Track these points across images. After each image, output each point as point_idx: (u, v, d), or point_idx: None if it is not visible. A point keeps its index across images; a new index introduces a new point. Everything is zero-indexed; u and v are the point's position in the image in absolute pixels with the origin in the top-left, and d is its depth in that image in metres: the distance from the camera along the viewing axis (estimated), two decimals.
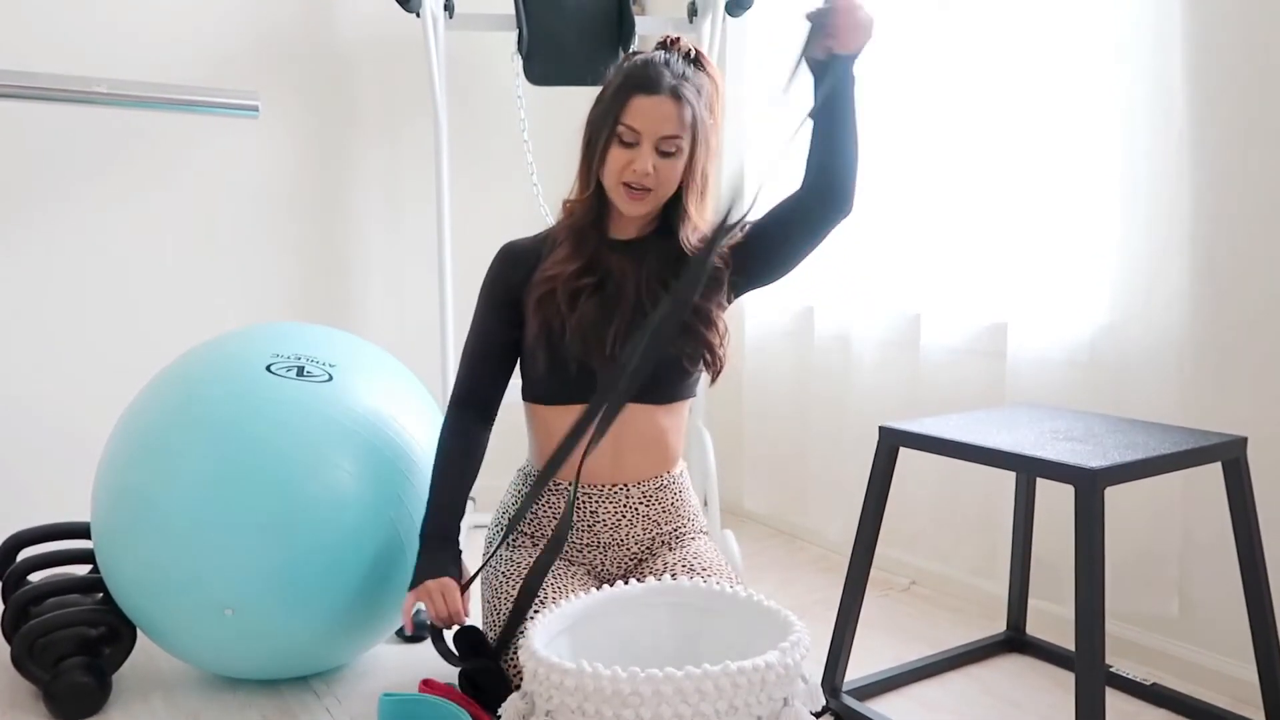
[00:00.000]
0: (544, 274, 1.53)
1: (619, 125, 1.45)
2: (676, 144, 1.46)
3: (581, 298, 1.51)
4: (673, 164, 1.47)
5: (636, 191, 1.47)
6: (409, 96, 2.73)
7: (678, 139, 1.46)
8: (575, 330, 1.49)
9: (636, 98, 1.45)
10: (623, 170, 1.46)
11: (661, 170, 1.46)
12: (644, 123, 1.45)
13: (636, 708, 1.07)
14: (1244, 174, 1.67)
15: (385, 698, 1.44)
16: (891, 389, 2.32)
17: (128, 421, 1.64)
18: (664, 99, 1.45)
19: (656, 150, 1.45)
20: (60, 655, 1.63)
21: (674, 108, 1.45)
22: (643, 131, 1.45)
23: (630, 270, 1.54)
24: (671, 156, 1.47)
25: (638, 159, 1.45)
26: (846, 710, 1.65)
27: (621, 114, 1.45)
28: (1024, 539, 1.89)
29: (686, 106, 1.46)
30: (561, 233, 1.57)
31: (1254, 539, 1.51)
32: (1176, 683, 1.76)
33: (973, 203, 2.11)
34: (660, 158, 1.46)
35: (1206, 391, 1.73)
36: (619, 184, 1.47)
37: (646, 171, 1.45)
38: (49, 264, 2.34)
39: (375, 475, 1.60)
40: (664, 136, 1.45)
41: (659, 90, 1.45)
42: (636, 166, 1.45)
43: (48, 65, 2.21)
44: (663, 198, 1.51)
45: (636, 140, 1.45)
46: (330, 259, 2.72)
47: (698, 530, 1.67)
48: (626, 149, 1.46)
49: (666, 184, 1.49)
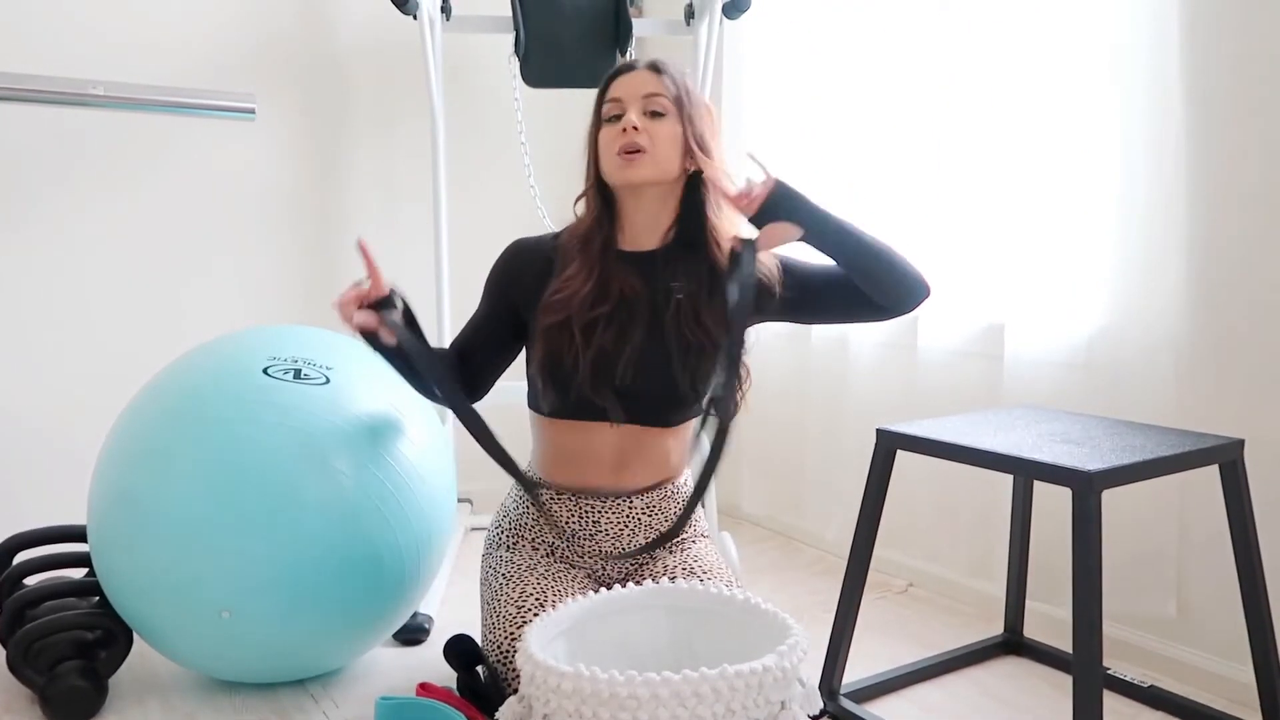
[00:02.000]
0: (555, 297, 1.49)
1: (604, 105, 1.50)
2: (661, 103, 1.47)
3: (596, 331, 1.48)
4: (662, 125, 1.47)
5: (631, 154, 1.45)
6: (406, 98, 2.73)
7: (660, 97, 1.47)
8: (589, 367, 1.47)
9: (616, 80, 1.51)
10: (614, 140, 1.47)
11: (651, 129, 1.46)
12: (624, 90, 1.48)
13: (634, 711, 1.07)
14: (1240, 177, 1.67)
15: (382, 701, 1.43)
16: (889, 391, 2.32)
17: (124, 425, 1.64)
18: (640, 71, 1.50)
19: (644, 112, 1.46)
20: (56, 659, 1.62)
21: (653, 76, 1.49)
22: (624, 97, 1.48)
23: (642, 290, 1.51)
24: (660, 117, 1.47)
25: (624, 121, 1.46)
26: (844, 713, 1.65)
27: (604, 95, 1.51)
28: (1021, 541, 1.89)
29: (666, 77, 1.49)
30: (571, 241, 1.54)
31: (1251, 541, 1.52)
32: (1174, 685, 1.76)
33: (970, 205, 2.12)
34: (649, 119, 1.46)
35: (1203, 394, 1.73)
36: (614, 156, 1.46)
37: (633, 124, 1.45)
38: (44, 267, 2.34)
39: (372, 478, 1.59)
40: (646, 95, 1.47)
41: (635, 67, 1.51)
42: (624, 124, 1.45)
43: (44, 67, 2.20)
44: (661, 162, 1.47)
45: (621, 110, 1.47)
46: (327, 261, 2.72)
47: (698, 534, 1.67)
48: (614, 122, 1.48)
49: (661, 144, 1.46)
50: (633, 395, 1.49)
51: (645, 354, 1.49)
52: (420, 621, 1.96)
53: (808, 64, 2.49)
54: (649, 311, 1.50)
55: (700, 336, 1.49)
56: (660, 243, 1.54)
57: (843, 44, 2.39)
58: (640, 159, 1.45)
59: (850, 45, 2.37)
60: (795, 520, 2.67)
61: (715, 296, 1.49)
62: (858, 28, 2.35)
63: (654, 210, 1.52)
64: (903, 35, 2.24)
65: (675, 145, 1.47)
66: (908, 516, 2.26)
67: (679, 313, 1.49)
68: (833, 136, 2.43)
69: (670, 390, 1.51)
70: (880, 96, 2.30)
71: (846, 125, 2.39)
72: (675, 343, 1.49)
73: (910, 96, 2.23)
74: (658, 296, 1.50)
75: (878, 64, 2.31)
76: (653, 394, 1.51)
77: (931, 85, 2.18)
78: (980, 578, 2.17)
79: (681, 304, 1.49)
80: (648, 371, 1.50)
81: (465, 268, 2.52)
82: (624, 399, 1.50)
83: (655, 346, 1.50)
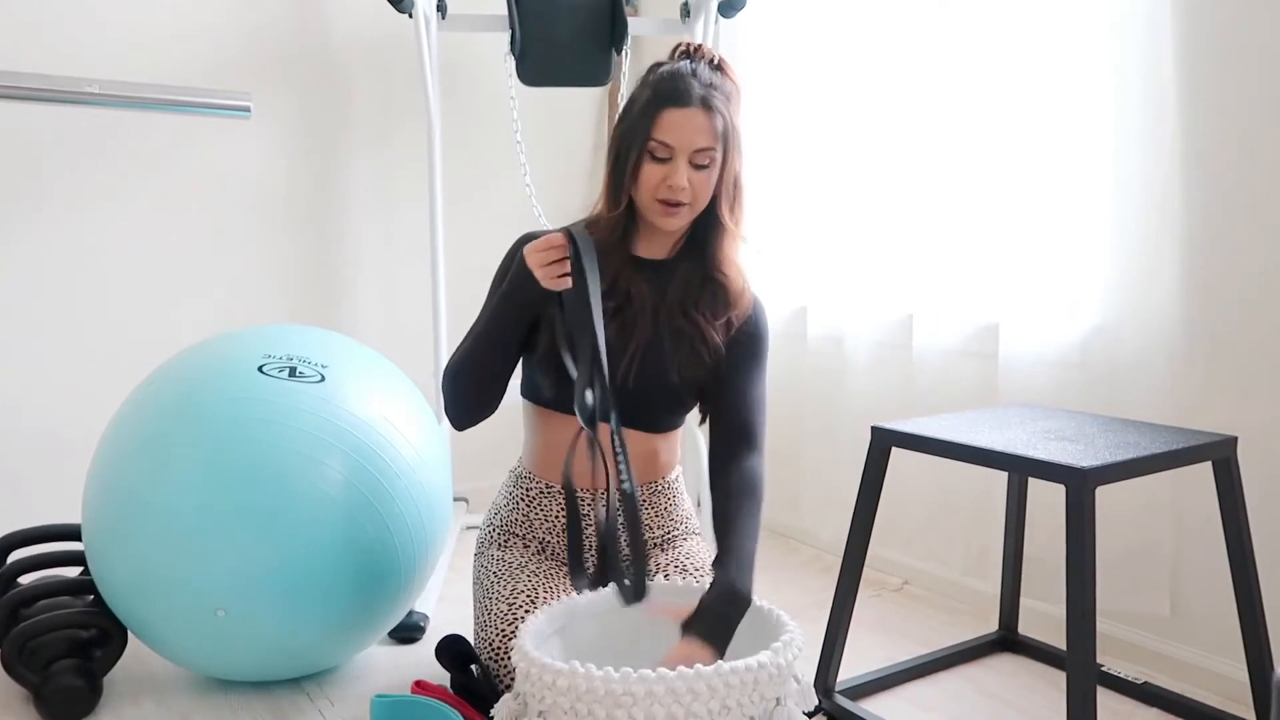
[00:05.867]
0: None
1: (650, 141, 1.41)
2: (710, 155, 1.42)
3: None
4: (707, 176, 1.43)
5: (673, 207, 1.43)
6: (401, 97, 2.73)
7: (711, 150, 1.42)
8: None
9: (667, 111, 1.41)
10: (657, 186, 1.42)
11: (696, 183, 1.42)
12: (676, 137, 1.40)
13: (629, 708, 1.07)
14: (1235, 176, 1.67)
15: (378, 699, 1.44)
16: (884, 389, 2.33)
17: (119, 423, 1.64)
18: (695, 111, 1.40)
19: (690, 164, 1.42)
20: (51, 658, 1.62)
21: (705, 119, 1.41)
22: (676, 146, 1.40)
23: (651, 295, 1.51)
24: (705, 169, 1.43)
25: (672, 174, 1.41)
26: (839, 710, 1.65)
27: (653, 129, 1.41)
28: (1016, 538, 1.90)
29: (718, 116, 1.42)
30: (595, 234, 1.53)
31: (1244, 538, 1.52)
32: (1168, 681, 1.76)
33: (965, 204, 2.12)
34: (694, 170, 1.42)
35: (1197, 391, 1.74)
36: (654, 200, 1.44)
37: (683, 186, 1.41)
38: (39, 264, 2.33)
39: (368, 476, 1.59)
40: (698, 149, 1.41)
41: (690, 102, 1.40)
42: (672, 182, 1.41)
43: (38, 65, 2.19)
44: (698, 210, 1.47)
45: (669, 155, 1.41)
46: (322, 260, 2.71)
47: (690, 531, 1.67)
48: (660, 164, 1.42)
49: (701, 197, 1.45)
50: (630, 396, 1.49)
51: (647, 355, 1.50)
52: (416, 620, 1.95)
53: (803, 62, 2.49)
54: (653, 315, 1.51)
55: (688, 328, 1.50)
56: (669, 253, 1.55)
57: (838, 44, 2.40)
58: (681, 212, 1.44)
59: (846, 46, 2.38)
60: (790, 518, 2.67)
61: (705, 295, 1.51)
62: (853, 28, 2.35)
63: (676, 232, 1.53)
64: (899, 34, 2.24)
65: (713, 186, 1.46)
66: (903, 514, 2.26)
67: (671, 308, 1.51)
68: (828, 135, 2.43)
69: (666, 392, 1.52)
70: (876, 95, 2.30)
71: (842, 124, 2.40)
72: (669, 337, 1.50)
73: (906, 95, 2.23)
74: (660, 301, 1.51)
75: (873, 63, 2.31)
76: (649, 396, 1.51)
77: (927, 84, 2.18)
78: (975, 575, 2.18)
79: (671, 298, 1.51)
80: (647, 371, 1.50)
81: (461, 265, 2.52)
82: (621, 398, 1.50)
83: (656, 349, 1.50)
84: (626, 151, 1.45)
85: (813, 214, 2.48)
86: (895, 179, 2.27)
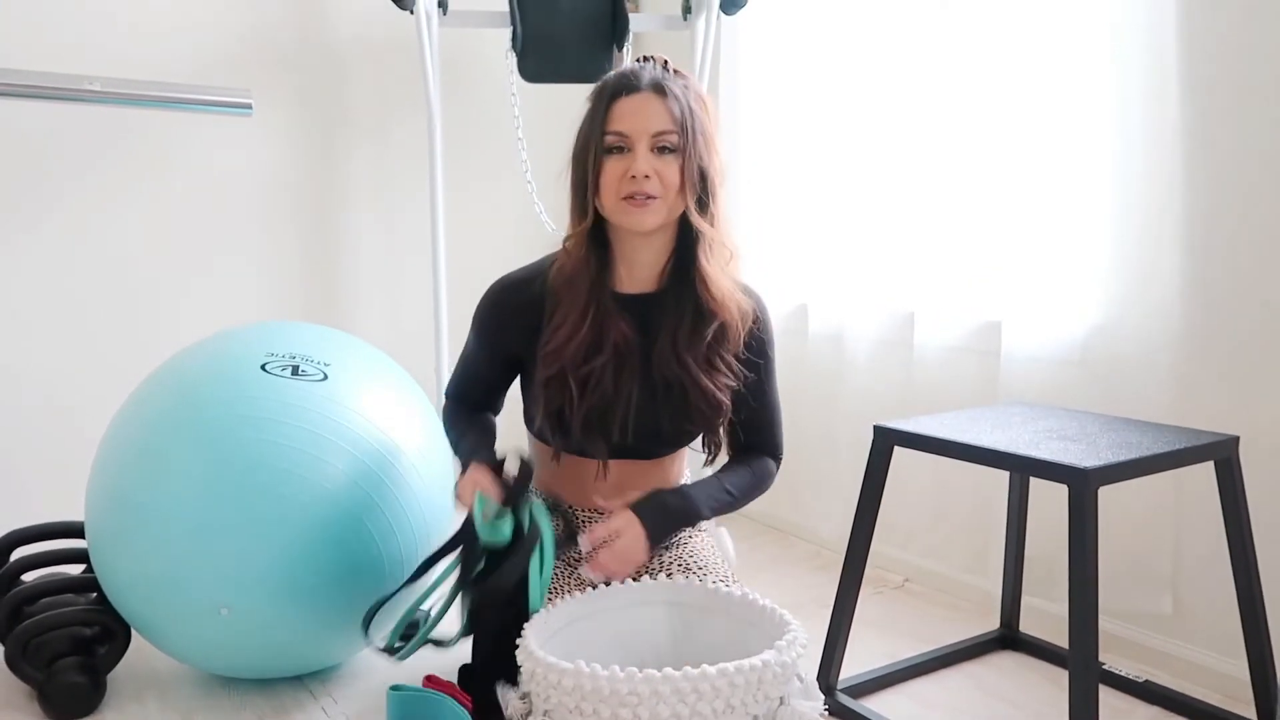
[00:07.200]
0: (549, 347, 1.42)
1: (606, 135, 1.35)
2: (670, 139, 1.34)
3: (590, 385, 1.41)
4: (673, 162, 1.35)
5: (640, 200, 1.34)
6: (403, 94, 2.73)
7: (671, 134, 1.34)
8: (581, 422, 1.43)
9: (618, 101, 1.35)
10: (620, 181, 1.34)
11: (661, 170, 1.34)
12: (630, 123, 1.34)
13: (634, 707, 1.07)
14: (1236, 175, 1.68)
15: (393, 691, 1.44)
16: (885, 387, 2.33)
17: (122, 421, 1.63)
18: (647, 94, 1.35)
19: (652, 150, 1.34)
20: (54, 655, 1.62)
21: (660, 103, 1.34)
22: (631, 133, 1.34)
23: (636, 342, 1.43)
24: (670, 153, 1.35)
25: (633, 163, 1.34)
26: (841, 708, 1.65)
27: (606, 121, 1.35)
28: (1017, 537, 1.90)
29: (673, 100, 1.35)
30: (558, 282, 1.43)
31: (1246, 537, 1.52)
32: (1169, 680, 1.77)
33: (966, 202, 2.12)
34: (657, 156, 1.34)
35: (1199, 390, 1.74)
36: (619, 200, 1.35)
37: (645, 173, 1.33)
38: (42, 263, 2.33)
39: (370, 474, 1.60)
40: (656, 133, 1.34)
41: (640, 87, 1.36)
42: (634, 170, 1.33)
43: (40, 63, 2.19)
44: (672, 203, 1.37)
45: (627, 144, 1.34)
46: (325, 257, 2.71)
47: (694, 529, 1.67)
48: (619, 157, 1.35)
49: (670, 185, 1.35)
50: (629, 449, 1.49)
51: (641, 406, 1.46)
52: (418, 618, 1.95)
53: (804, 59, 2.49)
54: (641, 365, 1.44)
55: (679, 372, 1.43)
56: (658, 285, 1.46)
57: (839, 41, 2.40)
58: (652, 205, 1.35)
59: (847, 43, 2.38)
60: (792, 516, 2.68)
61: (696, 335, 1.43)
62: (855, 25, 2.35)
63: (658, 247, 1.43)
64: (900, 32, 2.24)
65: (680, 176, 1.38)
66: (904, 512, 2.26)
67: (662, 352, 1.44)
68: (829, 132, 2.43)
69: (666, 442, 1.51)
70: (877, 92, 2.30)
71: (843, 121, 2.40)
72: (660, 385, 1.45)
73: (907, 93, 2.23)
74: (649, 344, 1.44)
75: (875, 60, 2.31)
76: (649, 444, 1.50)
77: (928, 82, 2.18)
78: (976, 573, 2.18)
79: (662, 343, 1.43)
80: (643, 431, 1.47)
81: (462, 263, 2.52)
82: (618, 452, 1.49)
83: (647, 395, 1.45)
84: (583, 155, 1.38)
85: (814, 211, 2.48)
86: (896, 176, 2.27)
